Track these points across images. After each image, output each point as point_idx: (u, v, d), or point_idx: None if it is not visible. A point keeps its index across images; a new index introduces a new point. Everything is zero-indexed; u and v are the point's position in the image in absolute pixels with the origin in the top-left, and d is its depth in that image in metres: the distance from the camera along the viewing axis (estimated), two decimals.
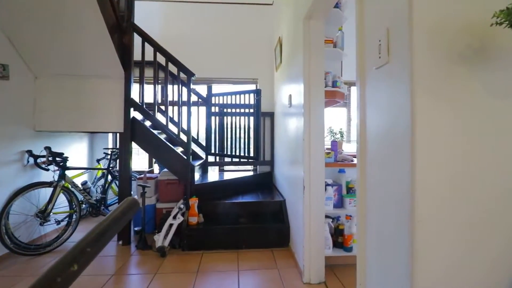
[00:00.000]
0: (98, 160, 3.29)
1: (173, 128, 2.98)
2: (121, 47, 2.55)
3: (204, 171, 3.60)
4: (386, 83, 0.88)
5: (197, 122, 3.63)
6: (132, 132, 2.62)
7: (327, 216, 2.24)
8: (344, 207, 2.21)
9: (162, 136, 2.85)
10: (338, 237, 2.20)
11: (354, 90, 4.01)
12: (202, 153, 3.68)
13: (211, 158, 3.70)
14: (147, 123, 2.88)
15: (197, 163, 3.08)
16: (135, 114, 2.75)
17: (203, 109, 3.65)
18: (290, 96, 2.49)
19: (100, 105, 2.58)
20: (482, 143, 0.76)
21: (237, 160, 3.53)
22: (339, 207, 2.22)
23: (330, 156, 2.14)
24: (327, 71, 2.14)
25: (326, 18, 1.96)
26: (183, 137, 2.80)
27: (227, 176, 3.36)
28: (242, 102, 3.40)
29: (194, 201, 2.54)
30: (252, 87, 3.92)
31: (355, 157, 2.38)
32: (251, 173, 3.69)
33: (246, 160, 3.44)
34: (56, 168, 2.58)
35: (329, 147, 2.30)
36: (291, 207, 2.52)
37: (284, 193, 2.87)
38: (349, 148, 3.87)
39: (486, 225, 0.76)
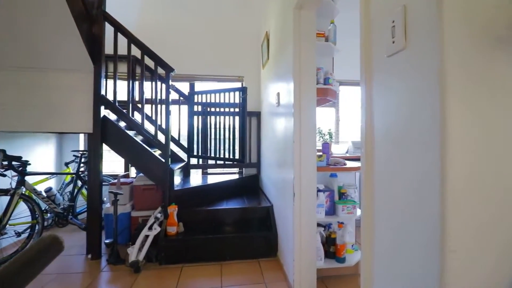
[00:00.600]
0: (66, 164, 2.97)
1: (151, 129, 2.73)
2: (90, 38, 2.28)
3: (186, 175, 3.36)
4: (402, 73, 0.70)
5: (178, 122, 3.38)
6: (103, 133, 2.35)
7: (318, 225, 2.07)
8: (336, 214, 2.05)
9: (139, 138, 2.59)
10: (330, 247, 2.04)
11: (341, 89, 3.89)
12: (184, 155, 3.43)
13: (193, 161, 3.46)
14: (122, 124, 2.61)
15: (178, 166, 2.84)
16: (107, 113, 2.48)
17: (184, 108, 3.40)
18: (278, 94, 2.31)
19: (66, 102, 2.29)
20: None
21: (221, 162, 3.31)
22: (331, 214, 2.06)
23: (322, 159, 1.97)
24: (319, 67, 1.97)
25: (318, 8, 1.79)
26: (161, 138, 2.56)
27: (211, 179, 3.14)
28: (227, 101, 3.19)
29: (173, 209, 2.31)
30: (238, 85, 3.71)
31: (347, 160, 2.24)
32: (236, 176, 3.48)
33: (231, 162, 3.23)
34: (15, 173, 2.27)
35: (320, 148, 2.14)
36: (279, 213, 2.34)
37: (272, 198, 2.68)
38: (338, 149, 3.74)
39: None
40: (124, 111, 2.41)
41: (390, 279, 0.79)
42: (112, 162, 3.90)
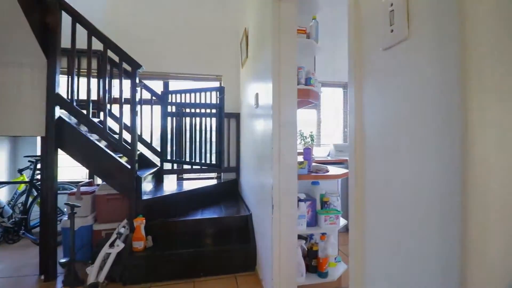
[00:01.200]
0: (20, 171, 2.64)
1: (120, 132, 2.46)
2: (43, 29, 2.00)
3: (159, 181, 3.11)
4: (404, 69, 0.54)
5: (150, 123, 3.12)
6: (59, 136, 2.07)
7: (299, 237, 1.92)
8: (318, 226, 1.90)
9: (103, 143, 2.32)
10: (312, 260, 1.89)
11: (323, 90, 3.78)
12: (157, 160, 3.18)
13: (167, 165, 3.21)
14: (84, 128, 2.33)
15: (148, 172, 2.59)
16: (68, 116, 2.20)
17: (158, 109, 3.14)
18: (257, 95, 2.13)
19: (13, 101, 1.99)
20: None
21: (197, 167, 3.09)
22: (313, 225, 1.91)
23: (303, 166, 1.82)
24: (300, 66, 1.82)
25: (299, 2, 1.64)
26: (127, 140, 2.30)
27: (186, 186, 2.91)
28: (204, 101, 2.97)
29: (140, 222, 2.07)
30: (216, 84, 3.50)
31: (328, 164, 2.10)
32: (214, 181, 3.27)
33: (207, 167, 3.02)
34: None
35: (301, 151, 1.99)
36: (258, 223, 2.17)
37: (251, 206, 2.51)
38: (319, 152, 3.63)
39: None
40: (84, 111, 2.14)
41: None
42: (78, 168, 3.56)
